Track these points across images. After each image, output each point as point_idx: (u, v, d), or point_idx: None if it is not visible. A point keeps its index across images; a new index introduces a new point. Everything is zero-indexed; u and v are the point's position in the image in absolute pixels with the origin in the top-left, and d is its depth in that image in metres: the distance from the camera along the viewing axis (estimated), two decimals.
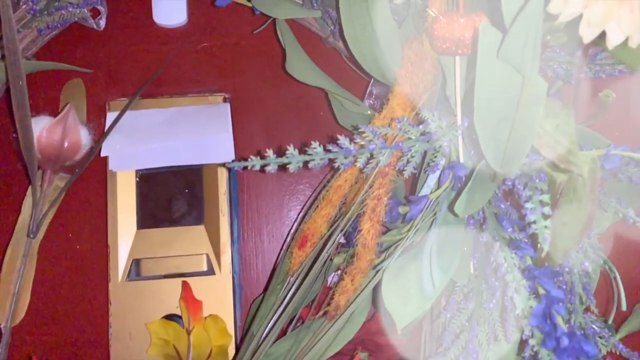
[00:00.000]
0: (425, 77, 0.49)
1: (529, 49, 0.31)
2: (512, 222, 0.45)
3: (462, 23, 0.40)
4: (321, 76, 0.54)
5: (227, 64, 0.66)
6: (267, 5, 0.53)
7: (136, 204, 0.62)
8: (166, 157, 0.62)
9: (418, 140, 0.44)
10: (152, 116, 0.63)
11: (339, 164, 0.42)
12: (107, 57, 0.66)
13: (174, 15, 0.66)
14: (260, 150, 0.65)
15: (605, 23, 0.29)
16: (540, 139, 0.39)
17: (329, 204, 0.51)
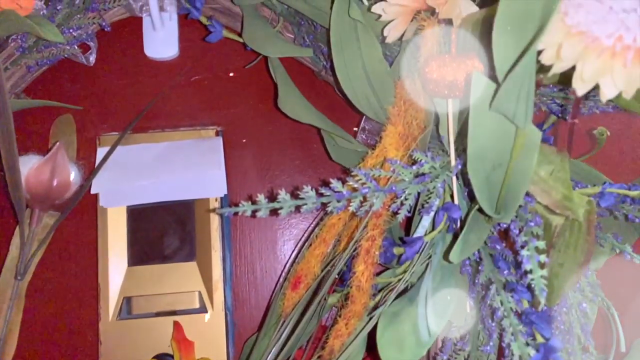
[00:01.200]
0: (418, 115, 0.49)
1: (522, 101, 0.31)
2: (508, 264, 0.45)
3: (454, 67, 0.40)
4: (313, 113, 0.53)
5: (219, 96, 0.66)
6: (258, 43, 0.53)
7: (127, 240, 0.61)
8: (158, 193, 0.61)
9: (412, 183, 0.43)
10: (144, 151, 0.63)
11: (332, 208, 0.42)
12: (98, 91, 0.65)
13: (166, 49, 0.66)
14: (253, 183, 0.64)
15: (598, 78, 0.29)
16: (535, 185, 0.38)
17: (322, 243, 0.51)
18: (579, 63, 0.30)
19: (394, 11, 0.44)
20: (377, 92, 0.50)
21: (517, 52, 0.29)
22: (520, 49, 0.29)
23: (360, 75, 0.49)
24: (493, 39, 0.30)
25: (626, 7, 0.29)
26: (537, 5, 0.27)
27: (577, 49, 0.29)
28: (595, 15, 0.29)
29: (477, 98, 0.33)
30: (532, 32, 0.28)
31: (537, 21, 0.28)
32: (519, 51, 0.29)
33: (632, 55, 0.29)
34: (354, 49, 0.48)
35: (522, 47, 0.29)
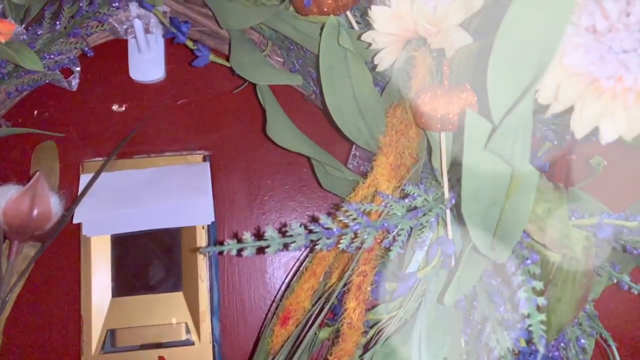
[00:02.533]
0: (411, 145, 0.47)
1: (519, 144, 0.30)
2: (504, 299, 0.43)
3: (446, 100, 0.38)
4: (303, 141, 0.52)
5: (206, 120, 0.64)
6: (246, 69, 0.52)
7: (111, 270, 0.60)
8: (143, 221, 0.59)
9: (404, 217, 0.42)
10: (128, 178, 0.61)
11: (321, 246, 0.40)
12: (82, 116, 0.63)
13: (152, 71, 0.64)
14: (242, 209, 0.62)
15: (598, 121, 0.28)
16: (531, 223, 0.37)
17: (312, 276, 0.49)
18: (577, 104, 0.28)
19: (384, 40, 0.43)
20: (367, 121, 0.48)
21: (513, 92, 0.28)
22: (516, 89, 0.28)
23: (351, 104, 0.48)
24: (488, 78, 0.28)
25: (626, 47, 0.28)
26: (534, 46, 0.26)
27: (576, 90, 0.28)
28: (594, 55, 0.28)
29: (471, 137, 0.31)
30: (528, 73, 0.27)
31: (535, 62, 0.26)
32: (515, 92, 0.28)
33: (633, 98, 0.27)
34: (343, 77, 0.47)
35: (518, 88, 0.27)
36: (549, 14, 0.25)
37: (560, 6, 0.25)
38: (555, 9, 0.25)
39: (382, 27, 0.42)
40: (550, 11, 0.25)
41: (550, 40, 0.25)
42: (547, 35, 0.25)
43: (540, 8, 0.26)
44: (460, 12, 0.39)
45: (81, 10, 0.51)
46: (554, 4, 0.25)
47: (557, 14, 0.25)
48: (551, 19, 0.25)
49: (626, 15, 0.27)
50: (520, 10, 0.26)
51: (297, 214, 0.63)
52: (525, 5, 0.26)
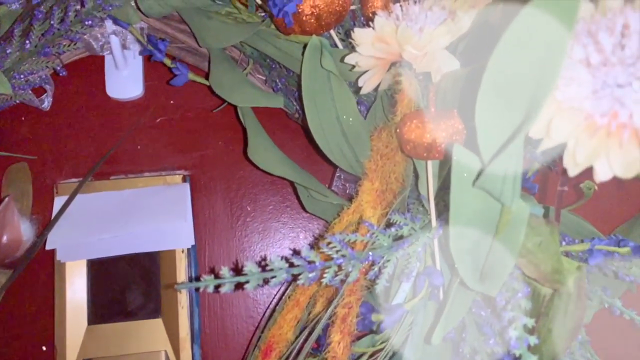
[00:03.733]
0: (397, 169, 0.46)
1: (509, 181, 0.28)
2: (494, 331, 0.42)
3: (432, 127, 0.37)
4: (286, 164, 0.50)
5: (186, 139, 0.62)
6: (225, 89, 0.50)
7: (87, 296, 0.57)
8: (120, 246, 0.57)
9: (390, 248, 0.40)
10: (105, 200, 0.58)
11: (304, 281, 0.38)
12: (56, 135, 0.61)
13: (130, 88, 0.62)
14: (223, 231, 0.60)
15: (593, 160, 0.26)
16: (522, 257, 0.35)
17: (295, 306, 0.47)
18: (570, 141, 0.27)
19: (368, 63, 0.41)
20: (352, 144, 0.47)
21: (503, 131, 0.26)
22: (506, 128, 0.26)
23: (334, 127, 0.46)
24: (476, 115, 0.27)
25: (621, 81, 0.26)
26: (527, 82, 0.25)
27: (569, 126, 0.27)
28: (587, 90, 0.27)
29: (459, 173, 0.30)
30: (520, 111, 0.25)
31: (527, 99, 0.25)
32: (505, 131, 0.26)
33: (629, 135, 0.26)
34: (326, 100, 0.45)
35: (508, 127, 0.26)
36: (543, 47, 0.24)
37: (556, 38, 0.23)
38: (550, 41, 0.23)
39: (365, 50, 0.40)
40: (545, 44, 0.24)
41: (545, 77, 0.23)
42: (542, 70, 0.24)
43: (534, 40, 0.24)
44: (447, 35, 0.38)
45: (52, 28, 0.49)
46: (549, 36, 0.23)
47: (552, 47, 0.23)
48: (546, 52, 0.24)
49: (621, 49, 0.26)
50: (512, 42, 0.24)
51: (281, 235, 0.61)
52: (518, 37, 0.24)
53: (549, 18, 0.22)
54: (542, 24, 0.22)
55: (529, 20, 0.23)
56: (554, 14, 0.22)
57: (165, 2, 0.49)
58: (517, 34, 0.23)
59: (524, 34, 0.23)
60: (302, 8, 0.45)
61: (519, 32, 0.23)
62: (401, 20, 0.39)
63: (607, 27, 0.26)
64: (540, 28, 0.23)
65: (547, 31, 0.22)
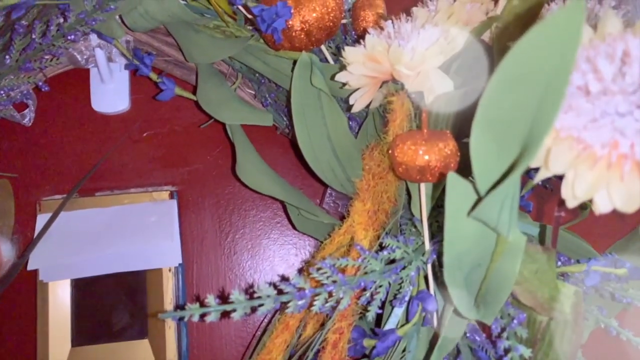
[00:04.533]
0: (389, 189, 0.45)
1: (506, 212, 0.27)
2: (489, 356, 0.41)
3: (425, 149, 0.36)
4: (276, 182, 0.49)
5: (174, 153, 0.61)
6: (213, 106, 0.48)
7: (70, 317, 0.55)
8: (105, 265, 0.55)
9: (383, 273, 0.39)
10: (89, 218, 0.57)
11: (293, 309, 0.37)
12: (39, 150, 0.59)
13: (116, 102, 0.60)
14: (211, 249, 0.59)
15: (593, 193, 0.25)
16: (518, 285, 0.34)
17: (285, 329, 0.46)
18: (569, 173, 0.26)
19: (359, 82, 0.40)
20: (343, 163, 0.45)
21: (500, 164, 0.25)
22: (503, 161, 0.25)
23: (325, 146, 0.45)
24: (471, 143, 0.26)
25: (621, 110, 0.25)
26: (526, 111, 0.23)
27: (568, 157, 0.26)
28: (586, 118, 0.26)
29: (453, 201, 0.29)
30: (517, 143, 0.24)
31: (525, 130, 0.24)
32: (502, 164, 0.25)
33: (630, 167, 0.25)
34: (317, 118, 0.44)
35: (505, 159, 0.25)
36: (543, 77, 0.22)
37: (558, 69, 0.22)
38: (551, 71, 0.22)
39: (356, 69, 0.39)
40: (545, 74, 0.22)
41: (545, 109, 0.22)
42: (542, 102, 0.23)
43: (534, 70, 0.23)
44: (440, 55, 0.37)
45: (33, 43, 0.47)
46: (550, 66, 0.22)
47: (553, 78, 0.22)
48: (547, 83, 0.22)
49: (621, 77, 0.25)
50: (510, 70, 0.23)
51: (271, 253, 0.59)
52: (517, 65, 0.23)
53: (550, 47, 0.21)
54: (543, 52, 0.21)
55: (529, 48, 0.21)
56: (555, 43, 0.21)
57: (150, 16, 0.48)
58: (516, 62, 0.22)
59: (523, 63, 0.22)
60: (292, 24, 0.44)
61: (518, 61, 0.22)
62: (393, 38, 0.38)
63: (607, 54, 0.25)
64: (540, 57, 0.22)
65: (548, 60, 0.21)
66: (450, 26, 0.39)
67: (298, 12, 0.43)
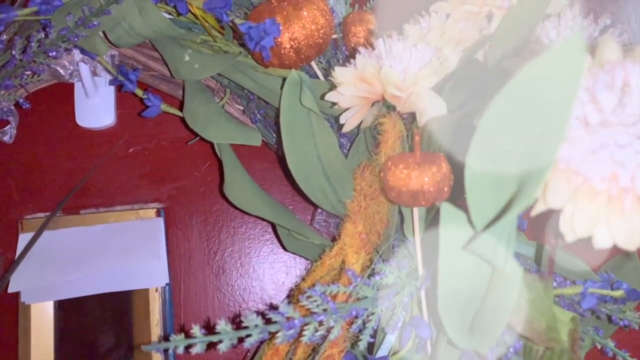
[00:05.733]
0: (381, 210, 0.43)
1: (502, 245, 0.26)
2: None
3: (418, 174, 0.35)
4: (265, 202, 0.47)
5: (160, 169, 0.59)
6: (200, 123, 0.47)
7: (54, 339, 0.54)
8: (89, 286, 0.54)
9: (375, 300, 0.37)
10: (74, 237, 0.55)
11: (282, 339, 0.35)
12: (21, 167, 0.57)
13: (101, 117, 0.59)
14: (199, 268, 0.57)
15: (592, 229, 0.24)
16: (514, 314, 0.33)
17: (275, 355, 0.44)
18: (568, 207, 0.25)
19: (350, 102, 0.39)
20: (333, 184, 0.44)
21: (495, 195, 0.24)
22: (499, 192, 0.24)
23: (315, 166, 0.44)
24: (466, 177, 0.24)
25: (621, 142, 0.24)
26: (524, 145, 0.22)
27: (566, 190, 0.24)
28: (585, 150, 0.25)
29: (448, 234, 0.27)
30: (514, 177, 0.23)
31: (522, 165, 0.23)
32: (498, 195, 0.24)
33: (631, 201, 0.24)
34: (307, 137, 0.43)
35: (501, 191, 0.24)
36: (543, 111, 0.21)
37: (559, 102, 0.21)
38: (552, 104, 0.21)
39: (347, 90, 0.38)
40: (546, 107, 0.21)
41: (545, 144, 0.21)
42: (541, 137, 0.22)
43: (533, 102, 0.22)
44: (433, 76, 0.36)
45: (13, 60, 0.46)
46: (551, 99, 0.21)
47: (553, 112, 0.21)
48: (547, 116, 0.21)
49: (621, 108, 0.24)
50: (507, 102, 0.22)
51: (260, 272, 0.58)
52: (515, 97, 0.22)
53: (550, 82, 0.20)
54: (542, 87, 0.20)
55: (528, 81, 0.20)
56: (555, 78, 0.20)
57: (135, 32, 0.46)
58: (514, 94, 0.21)
59: (521, 96, 0.21)
60: (281, 41, 0.42)
61: (516, 93, 0.21)
62: (384, 59, 0.37)
63: (606, 83, 0.24)
64: (540, 92, 0.20)
65: (548, 95, 0.20)
66: (442, 45, 0.38)
67: (287, 29, 0.42)
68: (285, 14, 0.42)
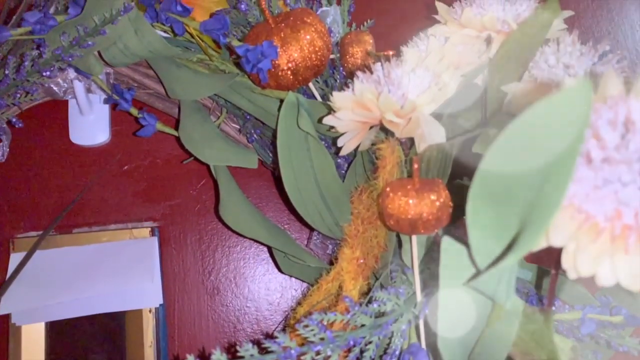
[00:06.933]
0: (379, 234, 0.43)
1: (504, 282, 0.25)
2: None
3: (417, 201, 0.34)
4: (260, 225, 0.47)
5: (155, 187, 0.59)
6: (195, 144, 0.46)
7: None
8: (82, 307, 0.53)
9: (372, 328, 0.37)
10: (66, 257, 0.54)
11: None
12: (13, 184, 0.57)
13: (95, 134, 0.58)
14: (194, 288, 0.57)
15: (595, 267, 0.24)
16: (515, 346, 0.33)
17: None
18: (570, 245, 0.24)
19: (348, 126, 0.39)
20: (330, 208, 0.44)
21: (498, 235, 0.23)
22: (501, 232, 0.23)
23: (312, 189, 0.43)
24: (467, 214, 0.24)
25: (625, 179, 0.24)
26: (526, 189, 0.22)
27: (569, 227, 0.24)
28: (587, 186, 0.24)
29: (448, 267, 0.27)
30: (517, 217, 0.23)
31: (525, 207, 0.22)
32: (500, 235, 0.23)
33: (635, 239, 0.24)
34: (304, 160, 0.42)
35: (503, 231, 0.23)
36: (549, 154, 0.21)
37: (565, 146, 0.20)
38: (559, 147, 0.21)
39: (344, 116, 0.37)
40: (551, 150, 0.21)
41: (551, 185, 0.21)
42: (547, 178, 0.21)
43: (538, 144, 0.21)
44: (432, 103, 0.35)
45: (7, 79, 0.45)
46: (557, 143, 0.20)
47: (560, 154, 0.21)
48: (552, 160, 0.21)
49: (624, 146, 0.24)
50: (511, 143, 0.22)
51: (256, 292, 0.57)
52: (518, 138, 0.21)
53: (556, 125, 0.20)
54: (548, 131, 0.20)
55: (533, 123, 0.20)
56: (561, 122, 0.19)
57: (131, 52, 0.46)
58: (519, 135, 0.21)
59: (526, 138, 0.21)
60: (278, 63, 0.42)
61: (521, 134, 0.21)
62: (382, 84, 0.36)
63: (609, 120, 0.24)
64: (546, 135, 0.20)
65: (554, 139, 0.20)
66: (441, 71, 0.37)
67: (284, 51, 0.42)
68: (282, 36, 0.42)
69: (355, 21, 0.53)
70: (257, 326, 0.56)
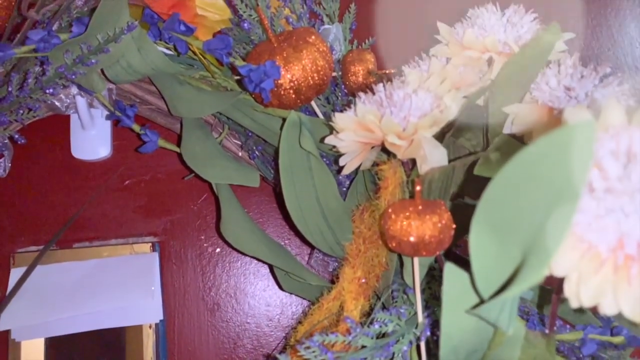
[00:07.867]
0: (380, 253, 0.43)
1: (506, 310, 0.25)
2: None
3: (419, 224, 0.34)
4: (262, 243, 0.47)
5: (156, 202, 0.59)
6: (197, 161, 0.47)
7: None
8: (82, 322, 0.53)
9: (374, 349, 0.37)
10: (67, 272, 0.54)
11: None
12: (14, 199, 0.57)
13: (97, 149, 0.58)
14: (194, 303, 0.56)
15: (598, 298, 0.24)
16: None
17: None
18: (572, 275, 0.24)
19: (349, 147, 0.39)
20: (332, 226, 0.44)
21: (501, 264, 0.23)
22: (504, 261, 0.23)
23: (313, 208, 0.43)
24: (470, 243, 0.24)
25: (627, 209, 0.24)
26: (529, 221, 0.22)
27: (571, 257, 0.24)
28: (589, 216, 0.24)
29: (450, 294, 0.27)
30: (520, 247, 0.23)
31: (528, 238, 0.22)
32: (503, 264, 0.23)
33: (637, 270, 0.24)
34: (306, 179, 0.42)
35: (506, 261, 0.23)
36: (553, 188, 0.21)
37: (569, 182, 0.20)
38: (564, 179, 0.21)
39: (346, 136, 0.37)
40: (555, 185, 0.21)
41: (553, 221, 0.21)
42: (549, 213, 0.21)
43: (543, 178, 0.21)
44: (434, 126, 0.35)
45: (10, 96, 0.45)
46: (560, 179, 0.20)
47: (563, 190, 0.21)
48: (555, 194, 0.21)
49: (627, 176, 0.24)
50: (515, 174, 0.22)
51: (256, 309, 0.57)
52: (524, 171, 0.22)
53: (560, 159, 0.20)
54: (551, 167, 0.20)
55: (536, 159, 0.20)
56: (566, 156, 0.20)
57: (133, 69, 0.46)
58: (522, 169, 0.21)
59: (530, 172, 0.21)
60: (281, 82, 0.42)
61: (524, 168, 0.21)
62: (385, 106, 0.36)
63: (611, 150, 0.24)
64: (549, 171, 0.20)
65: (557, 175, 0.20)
66: (443, 93, 0.38)
67: (287, 70, 0.42)
68: (285, 55, 0.42)
69: (357, 38, 0.54)
70: (257, 342, 0.56)
